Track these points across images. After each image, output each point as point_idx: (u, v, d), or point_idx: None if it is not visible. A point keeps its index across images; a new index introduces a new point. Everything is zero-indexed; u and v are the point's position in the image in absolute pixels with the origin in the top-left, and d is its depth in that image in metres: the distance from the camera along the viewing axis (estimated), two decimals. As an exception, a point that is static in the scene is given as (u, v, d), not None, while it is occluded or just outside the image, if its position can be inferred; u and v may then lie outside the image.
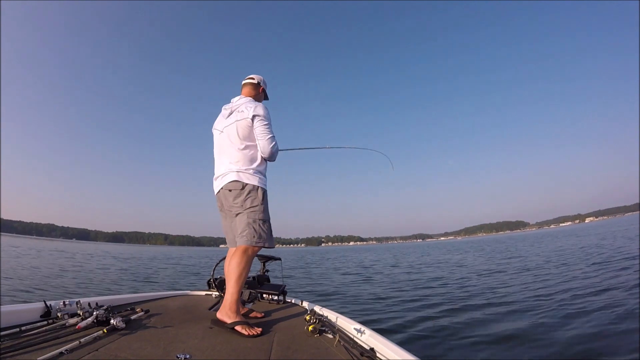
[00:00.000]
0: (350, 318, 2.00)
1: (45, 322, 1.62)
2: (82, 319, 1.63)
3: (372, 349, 1.46)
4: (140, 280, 9.81)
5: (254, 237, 1.93)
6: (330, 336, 1.64)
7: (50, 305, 1.75)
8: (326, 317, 2.06)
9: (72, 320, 1.63)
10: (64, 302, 1.80)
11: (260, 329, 1.73)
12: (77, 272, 11.12)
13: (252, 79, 2.31)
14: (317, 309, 2.23)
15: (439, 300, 5.63)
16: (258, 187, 2.01)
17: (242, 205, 1.99)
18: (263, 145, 2.05)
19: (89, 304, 1.85)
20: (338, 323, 2.00)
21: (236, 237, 2.00)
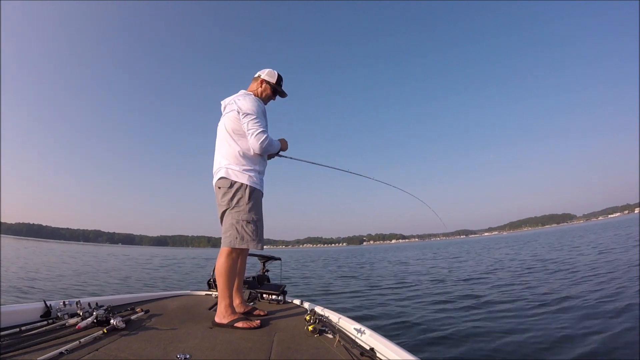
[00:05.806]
0: (350, 318, 1.92)
1: (45, 322, 1.65)
2: (82, 319, 1.66)
3: (372, 349, 1.43)
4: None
5: (236, 238, 1.88)
6: (331, 336, 1.62)
7: (50, 305, 1.79)
8: (326, 317, 2.01)
9: (72, 321, 1.66)
10: (64, 302, 1.84)
11: (259, 321, 1.84)
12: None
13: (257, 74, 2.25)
14: (318, 309, 2.18)
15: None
16: (247, 185, 1.94)
17: (228, 204, 1.94)
18: (252, 142, 1.96)
19: (89, 304, 1.88)
20: (338, 323, 1.93)
21: (221, 236, 1.97)
